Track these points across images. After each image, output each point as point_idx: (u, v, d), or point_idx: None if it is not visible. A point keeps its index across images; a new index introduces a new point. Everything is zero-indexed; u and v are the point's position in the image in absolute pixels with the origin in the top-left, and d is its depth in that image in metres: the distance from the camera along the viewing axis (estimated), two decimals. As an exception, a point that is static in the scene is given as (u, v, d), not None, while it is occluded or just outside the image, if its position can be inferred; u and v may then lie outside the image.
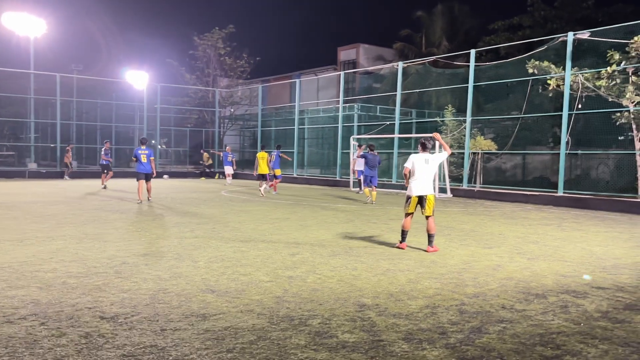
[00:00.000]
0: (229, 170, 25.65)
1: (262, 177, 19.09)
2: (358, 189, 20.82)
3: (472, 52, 20.66)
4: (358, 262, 7.11)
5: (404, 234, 8.32)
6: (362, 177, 18.44)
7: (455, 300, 5.36)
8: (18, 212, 11.97)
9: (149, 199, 15.43)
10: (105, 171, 21.08)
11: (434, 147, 8.58)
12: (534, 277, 6.52)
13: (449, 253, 8.01)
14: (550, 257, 7.94)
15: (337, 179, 26.15)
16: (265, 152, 19.19)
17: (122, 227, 9.94)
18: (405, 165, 8.27)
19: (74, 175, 27.27)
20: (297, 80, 31.94)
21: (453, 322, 4.63)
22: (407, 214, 8.32)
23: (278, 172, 20.20)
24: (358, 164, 20.26)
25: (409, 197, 8.28)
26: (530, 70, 18.09)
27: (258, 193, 18.71)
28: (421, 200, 8.21)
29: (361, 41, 43.04)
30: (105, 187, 20.22)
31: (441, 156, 8.86)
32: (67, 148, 26.98)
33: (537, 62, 17.86)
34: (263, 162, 18.76)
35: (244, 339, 4.07)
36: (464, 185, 20.35)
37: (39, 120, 33.38)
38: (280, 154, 20.84)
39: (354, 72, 35.55)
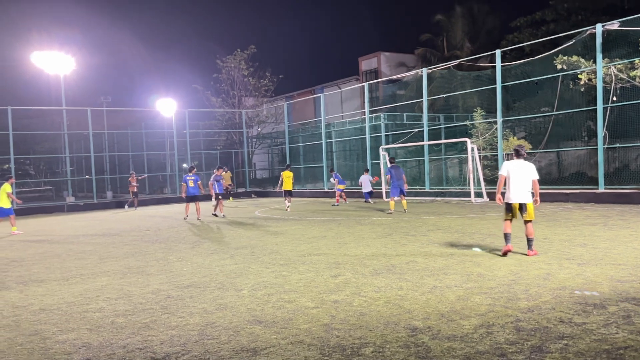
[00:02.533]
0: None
1: (288, 194, 20.38)
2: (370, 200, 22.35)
3: (498, 52, 20.35)
4: (402, 281, 6.97)
5: (506, 237, 8.36)
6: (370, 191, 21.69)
7: (509, 316, 5.17)
8: (60, 248, 12.21)
9: (198, 219, 17.51)
10: (220, 197, 19.18)
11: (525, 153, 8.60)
12: (588, 284, 6.27)
13: (495, 264, 7.78)
14: (602, 260, 7.65)
15: (371, 190, 25.93)
16: (290, 171, 20.89)
17: (162, 257, 10.02)
18: (501, 172, 8.44)
19: (107, 206, 27.79)
20: (321, 95, 32.01)
21: (511, 341, 4.46)
22: (506, 219, 8.45)
23: (342, 187, 22.43)
24: (365, 186, 22.14)
25: (508, 204, 8.38)
26: (559, 66, 17.71)
27: (288, 209, 19.80)
28: (521, 207, 8.35)
29: (381, 49, 42.99)
30: (224, 216, 18.52)
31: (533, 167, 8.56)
32: (130, 179, 25.99)
33: (565, 58, 17.47)
34: (288, 179, 20.38)
35: (298, 374, 3.98)
36: (500, 188, 19.94)
37: (74, 154, 34.21)
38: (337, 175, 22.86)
39: (377, 82, 35.45)
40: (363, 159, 27.55)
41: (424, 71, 23.79)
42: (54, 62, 30.14)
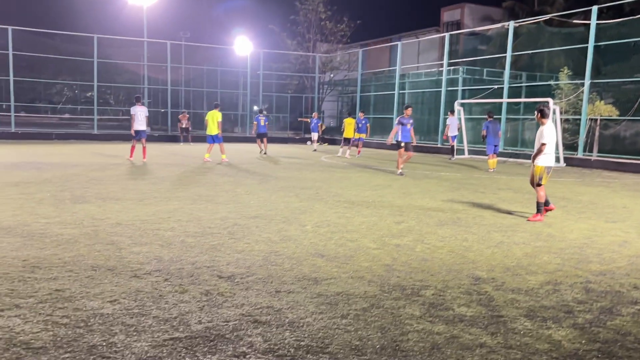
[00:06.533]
0: (315, 135, 26.17)
1: (346, 141, 20.80)
2: (451, 156, 20.92)
3: (594, 8, 18.87)
4: (468, 233, 6.84)
5: (542, 205, 8.00)
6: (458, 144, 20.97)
7: (579, 277, 4.98)
8: (136, 172, 12.82)
9: (265, 153, 20.55)
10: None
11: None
12: (668, 256, 5.92)
13: (568, 227, 7.48)
14: (686, 235, 7.17)
15: (439, 146, 25.43)
16: (352, 117, 21.30)
17: (231, 190, 10.31)
18: (551, 139, 7.98)
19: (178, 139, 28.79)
20: (398, 43, 31.10)
21: (579, 300, 4.31)
22: (541, 185, 8.02)
23: (363, 136, 21.23)
24: (452, 130, 20.47)
25: (549, 168, 8.09)
26: (663, 28, 16.23)
27: (353, 158, 19.32)
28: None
29: (466, 0, 40.94)
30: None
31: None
32: (179, 117, 27.78)
33: (671, 18, 15.97)
34: (350, 127, 20.68)
35: (357, 306, 4.04)
36: (579, 154, 18.98)
37: (151, 86, 35.27)
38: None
39: (459, 32, 33.97)
40: (436, 113, 26.83)
41: (511, 24, 22.51)
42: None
